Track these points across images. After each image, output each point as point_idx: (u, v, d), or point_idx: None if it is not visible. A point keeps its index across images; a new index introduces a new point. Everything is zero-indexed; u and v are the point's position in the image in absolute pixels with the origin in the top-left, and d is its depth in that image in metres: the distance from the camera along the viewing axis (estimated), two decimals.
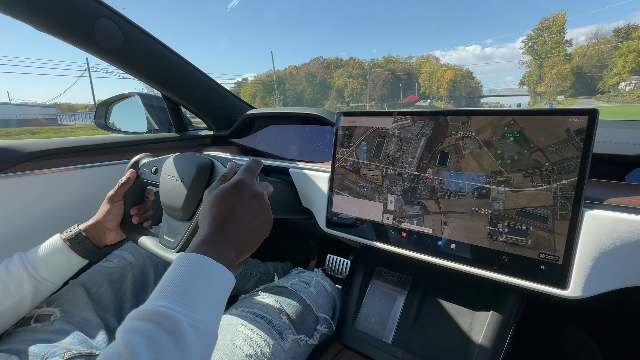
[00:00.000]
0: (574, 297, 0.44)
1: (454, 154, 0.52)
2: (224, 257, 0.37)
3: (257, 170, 0.48)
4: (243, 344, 0.50)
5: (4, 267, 0.51)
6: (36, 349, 0.47)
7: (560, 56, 49.43)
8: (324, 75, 73.81)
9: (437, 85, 66.04)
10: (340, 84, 71.13)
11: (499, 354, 0.56)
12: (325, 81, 73.96)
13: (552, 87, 49.11)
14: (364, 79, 69.59)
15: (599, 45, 47.77)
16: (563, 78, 48.40)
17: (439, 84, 65.83)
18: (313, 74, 74.78)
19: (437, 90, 65.88)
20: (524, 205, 0.46)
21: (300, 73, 75.98)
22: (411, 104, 64.04)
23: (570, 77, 48.16)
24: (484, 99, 64.94)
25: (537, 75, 51.60)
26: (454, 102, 63.87)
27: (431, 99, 67.05)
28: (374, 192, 0.61)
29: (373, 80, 69.46)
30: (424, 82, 68.95)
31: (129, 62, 0.84)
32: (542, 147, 0.45)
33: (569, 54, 50.10)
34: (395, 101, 66.88)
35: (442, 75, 66.53)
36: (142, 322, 0.29)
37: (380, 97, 67.62)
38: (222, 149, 1.05)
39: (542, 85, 50.27)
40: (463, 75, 67.28)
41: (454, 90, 65.37)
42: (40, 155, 0.78)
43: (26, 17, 0.64)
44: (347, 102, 69.18)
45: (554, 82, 49.03)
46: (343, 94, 70.30)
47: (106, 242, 0.61)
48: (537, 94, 51.55)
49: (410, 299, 0.68)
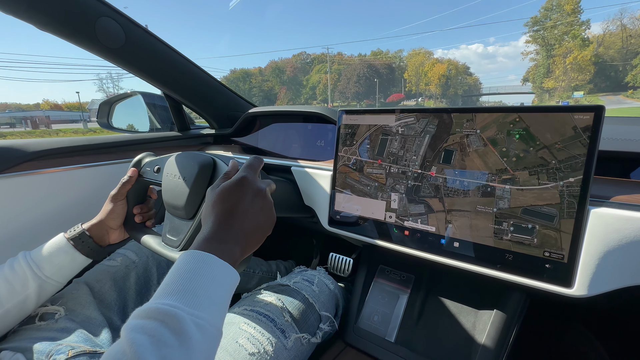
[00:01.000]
0: (579, 295, 0.43)
1: (458, 151, 0.52)
2: (228, 254, 0.37)
3: (259, 167, 0.48)
4: (246, 342, 0.51)
5: (9, 266, 0.52)
6: (41, 347, 0.47)
7: (576, 41, 37.39)
8: (294, 71, 65.99)
9: (425, 82, 57.13)
10: (316, 80, 63.73)
11: (503, 352, 0.56)
12: (296, 77, 65.93)
13: (564, 81, 38.56)
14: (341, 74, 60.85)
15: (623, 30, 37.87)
16: (580, 69, 37.13)
17: (428, 79, 56.75)
18: (281, 68, 66.79)
19: (426, 87, 57.01)
20: (530, 203, 0.46)
21: (266, 69, 67.74)
22: (396, 104, 54.09)
23: (589, 68, 36.88)
24: (484, 97, 56.96)
25: (545, 68, 41.38)
26: (448, 101, 54.85)
27: (421, 98, 58.42)
28: (377, 191, 0.61)
29: (347, 75, 60.13)
30: (410, 77, 59.94)
31: (130, 61, 0.84)
32: (549, 145, 0.45)
33: (586, 39, 38.02)
34: (372, 100, 58.16)
35: (430, 69, 56.85)
36: (146, 320, 0.29)
37: (355, 95, 58.75)
38: (224, 148, 1.05)
39: (551, 80, 40.44)
40: (458, 70, 57.45)
41: (448, 87, 56.40)
42: (43, 155, 0.78)
43: (28, 16, 0.64)
44: (320, 100, 61.12)
45: (567, 75, 38.35)
46: (316, 91, 63.02)
47: (109, 241, 0.61)
48: (544, 91, 41.88)
49: (413, 297, 0.68)
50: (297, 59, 70.58)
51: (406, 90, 60.67)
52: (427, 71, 57.78)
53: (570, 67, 37.89)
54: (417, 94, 59.56)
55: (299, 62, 69.94)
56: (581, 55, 36.93)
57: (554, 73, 40.26)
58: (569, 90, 38.53)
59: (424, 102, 55.70)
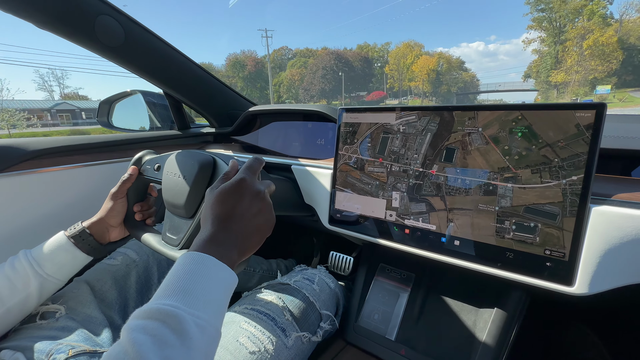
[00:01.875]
0: (580, 294, 0.43)
1: (460, 150, 0.52)
2: (227, 256, 0.37)
3: (258, 168, 0.47)
4: (246, 341, 0.51)
5: (10, 265, 0.52)
6: (41, 346, 0.47)
7: (595, 19, 26.28)
8: (256, 66, 55.15)
9: (409, 77, 47.79)
10: (286, 77, 55.05)
11: (504, 350, 0.56)
12: (261, 72, 54.88)
13: (579, 73, 27.17)
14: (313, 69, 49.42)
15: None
16: (602, 56, 25.71)
17: (412, 74, 47.22)
18: (242, 63, 55.64)
19: (409, 84, 47.61)
20: (532, 202, 0.46)
21: (228, 63, 56.78)
22: (377, 102, 44.38)
23: (616, 54, 25.50)
24: (482, 96, 47.99)
25: (552, 57, 30.47)
26: (440, 99, 46.73)
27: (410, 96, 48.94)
28: (378, 189, 0.61)
29: (312, 69, 49.50)
30: (392, 72, 50.07)
31: (130, 60, 0.83)
32: (551, 143, 0.45)
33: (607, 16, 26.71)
34: (339, 99, 47.85)
35: (413, 61, 46.81)
36: (148, 321, 0.29)
37: (321, 92, 48.10)
38: (224, 147, 1.05)
39: (560, 73, 29.19)
40: (452, 65, 48.82)
41: (440, 84, 47.97)
42: (43, 154, 0.78)
43: (27, 14, 0.64)
44: (284, 100, 52.56)
45: (584, 65, 26.72)
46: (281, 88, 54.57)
47: (110, 239, 0.61)
48: (551, 86, 30.85)
49: (413, 295, 0.68)
50: (278, 54, 62.28)
51: (387, 87, 51.54)
52: (411, 64, 47.58)
53: (588, 54, 26.21)
54: (401, 91, 49.75)
55: (278, 57, 61.85)
56: (605, 36, 24.97)
57: (565, 63, 28.03)
58: (586, 84, 27.49)
59: (407, 101, 46.16)
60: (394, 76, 50.84)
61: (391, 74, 51.52)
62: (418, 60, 47.66)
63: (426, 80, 47.29)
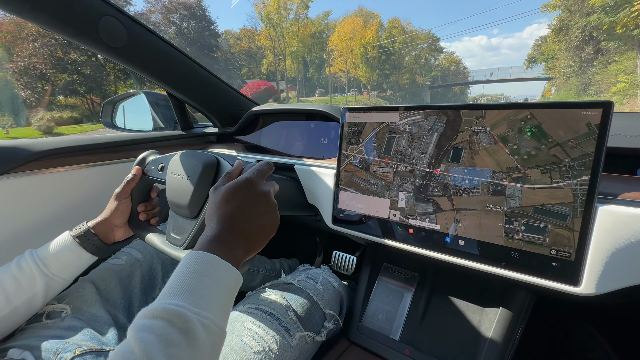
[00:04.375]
0: (587, 294, 0.43)
1: (467, 149, 0.51)
2: (232, 256, 0.37)
3: (267, 173, 0.47)
4: (251, 341, 0.51)
5: (16, 264, 0.52)
6: (48, 345, 0.47)
7: None
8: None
9: (352, 60, 26.49)
10: None
11: (509, 350, 0.56)
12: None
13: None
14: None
15: None
16: None
17: (354, 57, 25.91)
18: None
19: (357, 72, 27.23)
20: (542, 202, 0.45)
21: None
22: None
23: None
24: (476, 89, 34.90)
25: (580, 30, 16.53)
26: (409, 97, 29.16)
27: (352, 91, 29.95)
28: (384, 189, 0.60)
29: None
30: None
31: (133, 60, 0.84)
32: (562, 142, 0.44)
33: None
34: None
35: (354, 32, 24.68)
36: (154, 320, 0.29)
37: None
38: (227, 146, 1.05)
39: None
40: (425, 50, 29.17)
41: (392, 69, 29.67)
42: (48, 155, 0.78)
43: (31, 15, 0.64)
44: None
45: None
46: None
47: (114, 239, 0.62)
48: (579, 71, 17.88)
49: (417, 295, 0.67)
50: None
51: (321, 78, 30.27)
52: (354, 37, 25.36)
53: None
54: (327, 85, 29.66)
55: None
56: None
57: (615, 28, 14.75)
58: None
59: (353, 100, 27.08)
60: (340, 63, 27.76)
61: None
62: (340, 26, 25.34)
63: (359, 64, 25.58)
